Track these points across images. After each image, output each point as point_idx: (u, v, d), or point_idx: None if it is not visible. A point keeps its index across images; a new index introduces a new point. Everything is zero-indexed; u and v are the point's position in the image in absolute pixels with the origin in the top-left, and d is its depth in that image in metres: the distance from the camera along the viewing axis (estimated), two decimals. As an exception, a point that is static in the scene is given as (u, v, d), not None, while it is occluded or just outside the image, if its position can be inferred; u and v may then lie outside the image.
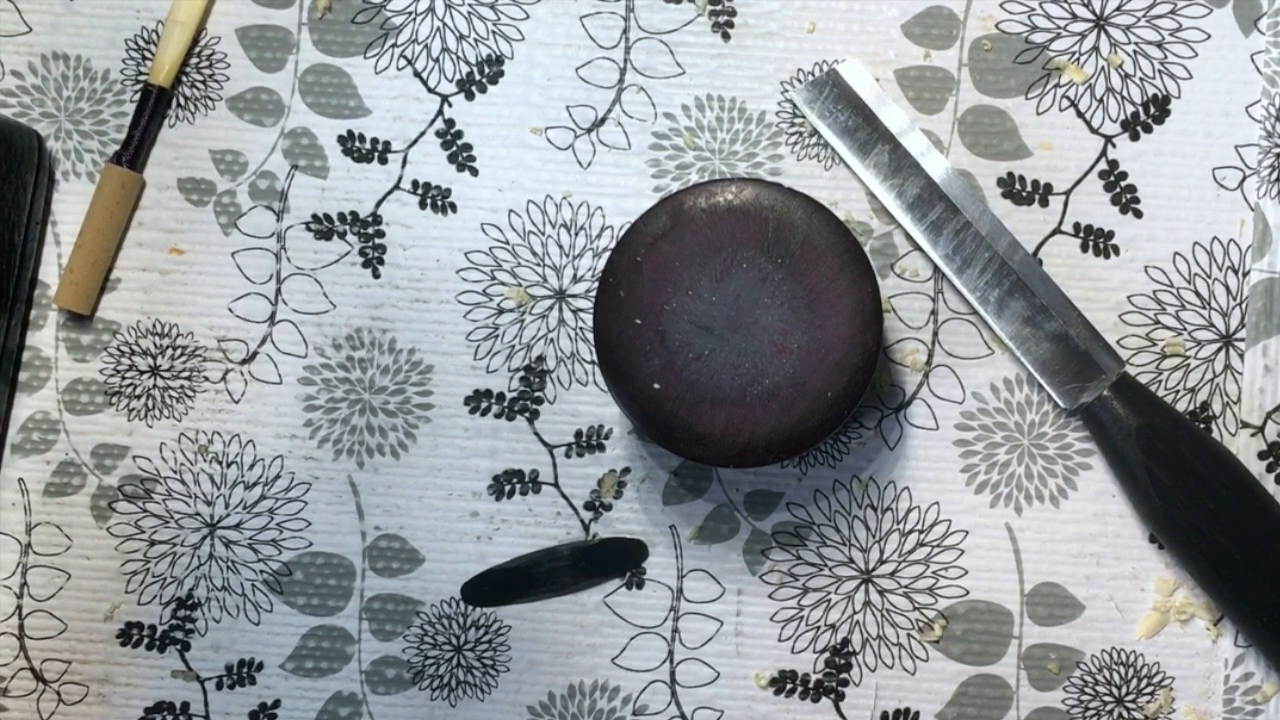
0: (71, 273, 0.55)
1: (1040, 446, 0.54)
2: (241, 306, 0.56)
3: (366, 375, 0.55)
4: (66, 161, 0.56)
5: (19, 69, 0.57)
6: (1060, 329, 0.53)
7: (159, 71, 0.55)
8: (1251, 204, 0.55)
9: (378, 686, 0.55)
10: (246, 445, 0.55)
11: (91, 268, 0.55)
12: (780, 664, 0.54)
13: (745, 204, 0.49)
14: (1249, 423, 0.54)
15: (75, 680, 0.55)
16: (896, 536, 0.54)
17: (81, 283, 0.55)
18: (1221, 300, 0.55)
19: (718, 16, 0.56)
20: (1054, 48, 0.55)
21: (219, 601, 0.55)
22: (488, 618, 0.55)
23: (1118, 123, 0.55)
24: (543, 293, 0.55)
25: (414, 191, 0.56)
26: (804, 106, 0.55)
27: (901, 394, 0.55)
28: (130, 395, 0.56)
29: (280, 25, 0.57)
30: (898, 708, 0.54)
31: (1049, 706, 0.54)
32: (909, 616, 0.54)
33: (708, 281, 0.49)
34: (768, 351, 0.48)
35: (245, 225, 0.56)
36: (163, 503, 0.55)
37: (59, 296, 0.55)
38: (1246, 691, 0.54)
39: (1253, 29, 0.55)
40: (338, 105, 0.56)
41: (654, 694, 0.54)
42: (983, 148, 0.55)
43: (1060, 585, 0.54)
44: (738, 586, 0.55)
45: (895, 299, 0.55)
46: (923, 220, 0.54)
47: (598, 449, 0.55)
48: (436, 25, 0.56)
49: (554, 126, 0.56)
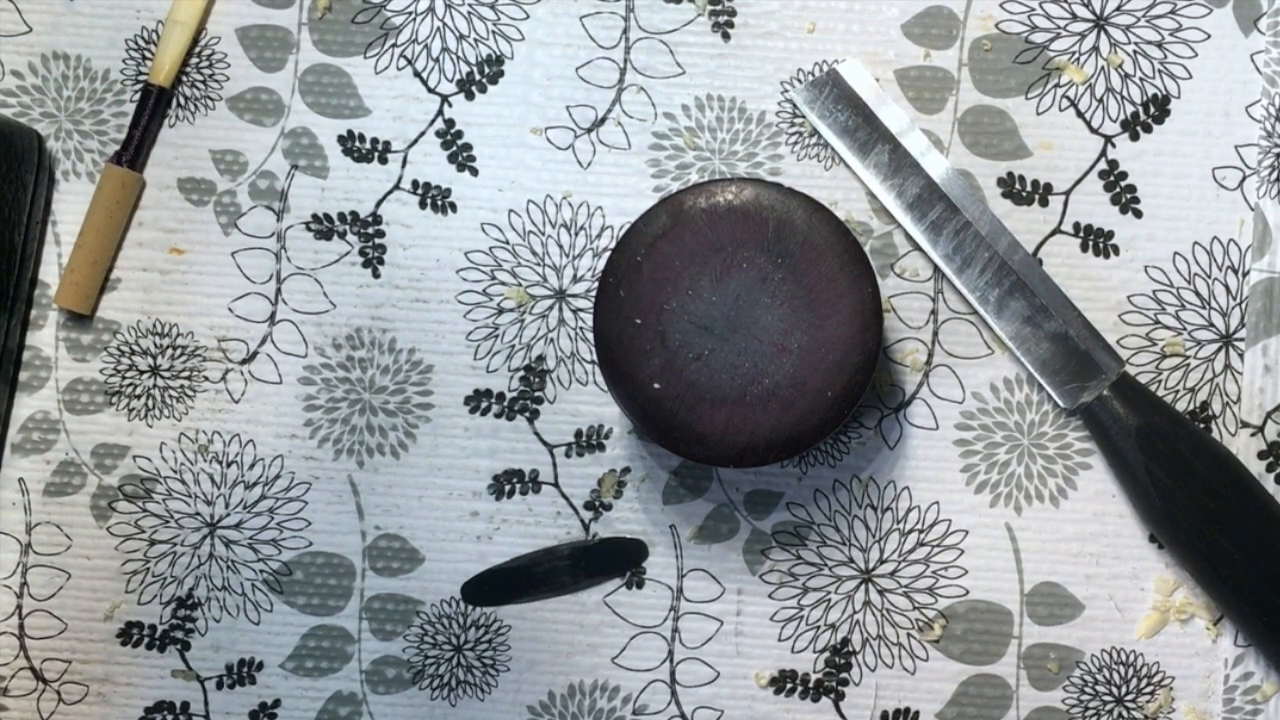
0: (71, 272, 0.55)
1: (1040, 446, 0.54)
2: (241, 306, 0.56)
3: (366, 375, 0.55)
4: (66, 161, 0.56)
5: (19, 69, 0.57)
6: (1060, 329, 0.53)
7: (159, 71, 0.55)
8: (1251, 204, 0.55)
9: (378, 686, 0.55)
10: (246, 445, 0.55)
11: (91, 267, 0.55)
12: (780, 664, 0.54)
13: (745, 204, 0.49)
14: (1249, 422, 0.54)
15: (75, 680, 0.55)
16: (896, 536, 0.54)
17: (81, 282, 0.55)
18: (1221, 300, 0.55)
19: (718, 16, 0.56)
20: (1054, 48, 0.55)
21: (219, 601, 0.55)
22: (488, 617, 0.55)
23: (1118, 123, 0.55)
24: (543, 293, 0.55)
25: (414, 191, 0.56)
26: (804, 106, 0.55)
27: (901, 394, 0.55)
28: (130, 395, 0.56)
29: (280, 25, 0.57)
30: (898, 707, 0.54)
31: (1049, 706, 0.54)
32: (909, 616, 0.54)
33: (708, 281, 0.48)
34: (768, 351, 0.48)
35: (245, 225, 0.56)
36: (163, 502, 0.55)
37: (59, 296, 0.55)
38: (1246, 691, 0.54)
39: (1253, 29, 0.55)
40: (338, 105, 0.56)
41: (654, 693, 0.54)
42: (983, 148, 0.55)
43: (1060, 585, 0.54)
44: (738, 586, 0.55)
45: (895, 299, 0.55)
46: (923, 220, 0.54)
47: (598, 449, 0.55)
48: (436, 25, 0.56)
49: (554, 126, 0.56)
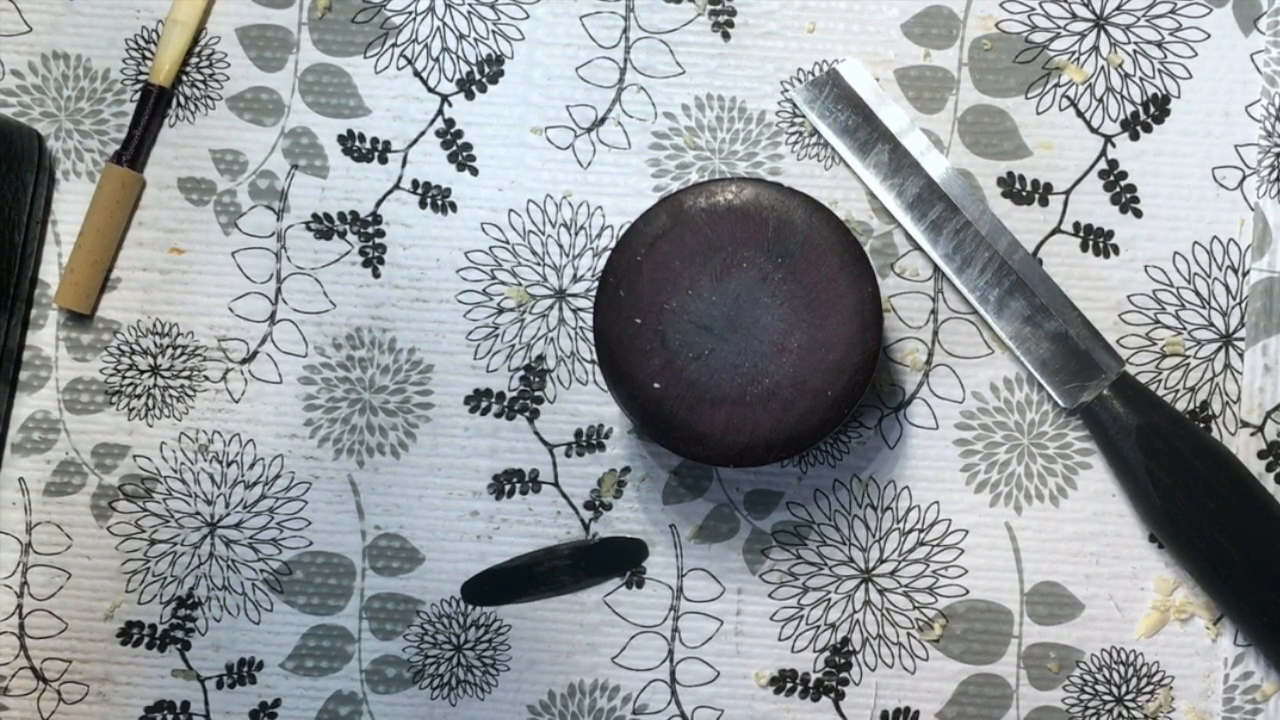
0: (72, 272, 0.55)
1: (1040, 446, 0.54)
2: (241, 306, 0.56)
3: (366, 375, 0.55)
4: (66, 161, 0.56)
5: (19, 69, 0.57)
6: (1060, 328, 0.53)
7: (159, 71, 0.55)
8: (1251, 204, 0.55)
9: (378, 686, 0.55)
10: (247, 445, 0.55)
11: (92, 267, 0.55)
12: (780, 663, 0.54)
13: (745, 204, 0.49)
14: (1249, 422, 0.54)
15: (75, 679, 0.55)
16: (896, 536, 0.54)
17: (82, 282, 0.55)
18: (1221, 300, 0.55)
19: (718, 16, 0.56)
20: (1054, 47, 0.55)
21: (219, 601, 0.55)
22: (488, 617, 0.55)
23: (1118, 122, 0.55)
24: (543, 292, 0.55)
25: (414, 191, 0.56)
26: (804, 106, 0.55)
27: (901, 393, 0.55)
28: (130, 395, 0.56)
29: (280, 25, 0.57)
30: (898, 707, 0.54)
31: (1049, 705, 0.54)
32: (909, 616, 0.54)
33: (708, 281, 0.48)
34: (768, 351, 0.48)
35: (245, 225, 0.56)
36: (163, 502, 0.55)
37: (59, 296, 0.55)
38: (1246, 691, 0.54)
39: (1253, 29, 0.55)
40: (338, 105, 0.56)
41: (654, 693, 0.54)
42: (983, 147, 0.55)
43: (1060, 584, 0.54)
44: (738, 586, 0.55)
45: (895, 299, 0.55)
46: (923, 220, 0.54)
47: (598, 448, 0.55)
48: (436, 25, 0.56)
49: (554, 126, 0.56)
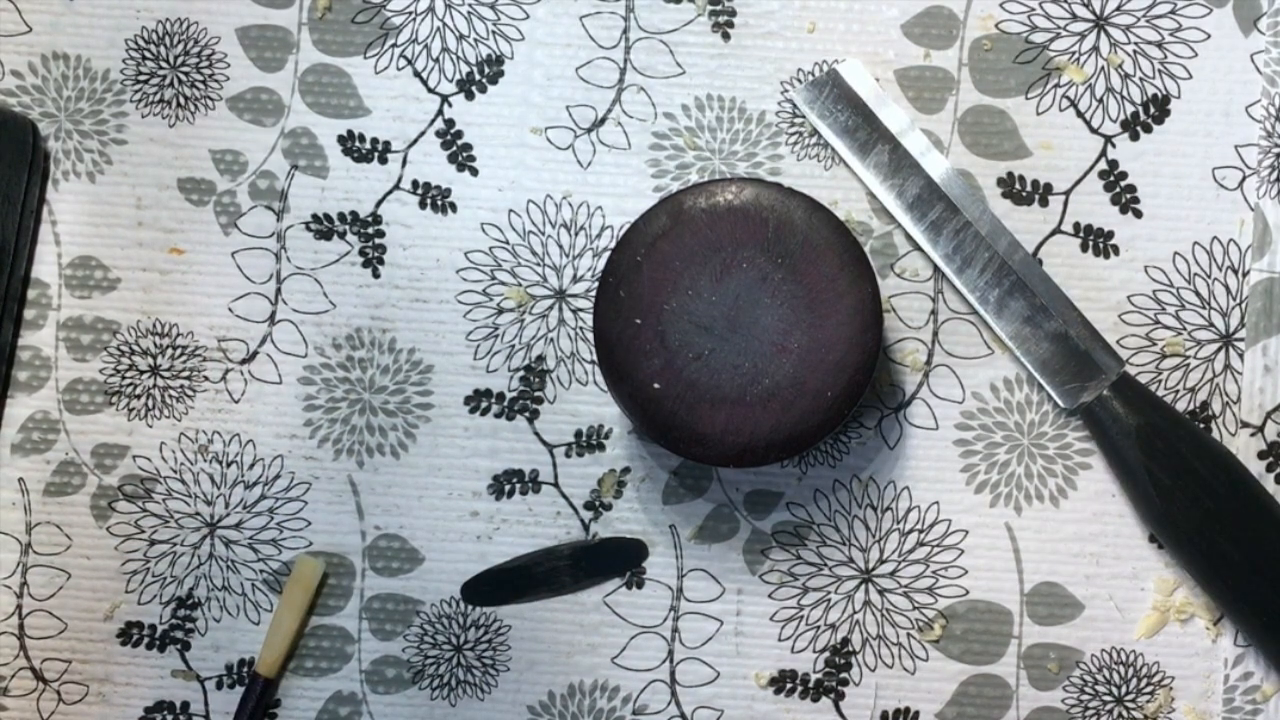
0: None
1: (1040, 446, 0.54)
2: (241, 306, 0.56)
3: (366, 375, 0.55)
4: (66, 161, 0.56)
5: (19, 69, 0.57)
6: (1060, 329, 0.53)
7: (264, 662, 0.54)
8: (1251, 204, 0.55)
9: (378, 686, 0.55)
10: (246, 445, 0.55)
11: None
12: (780, 663, 0.54)
13: (745, 204, 0.49)
14: (1249, 422, 0.54)
15: (75, 680, 0.55)
16: (896, 536, 0.54)
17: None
18: (1221, 300, 0.55)
19: (718, 16, 0.56)
20: (1054, 48, 0.55)
21: (219, 601, 0.55)
22: (488, 617, 0.55)
23: (1118, 123, 0.55)
24: (543, 293, 0.55)
25: (414, 191, 0.56)
26: (804, 106, 0.55)
27: (901, 394, 0.55)
28: (130, 395, 0.56)
29: (280, 25, 0.56)
30: (897, 707, 0.54)
31: (1049, 706, 0.54)
32: (909, 616, 0.54)
33: (708, 281, 0.48)
34: (768, 351, 0.48)
35: (245, 225, 0.56)
36: (163, 502, 0.55)
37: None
38: (1246, 691, 0.54)
39: (1253, 29, 0.55)
40: (338, 105, 0.56)
41: (654, 693, 0.54)
42: (983, 147, 0.55)
43: (1060, 585, 0.54)
44: (738, 586, 0.55)
45: (895, 299, 0.55)
46: (923, 220, 0.54)
47: (598, 449, 0.55)
48: (436, 25, 0.56)
49: (554, 126, 0.56)
